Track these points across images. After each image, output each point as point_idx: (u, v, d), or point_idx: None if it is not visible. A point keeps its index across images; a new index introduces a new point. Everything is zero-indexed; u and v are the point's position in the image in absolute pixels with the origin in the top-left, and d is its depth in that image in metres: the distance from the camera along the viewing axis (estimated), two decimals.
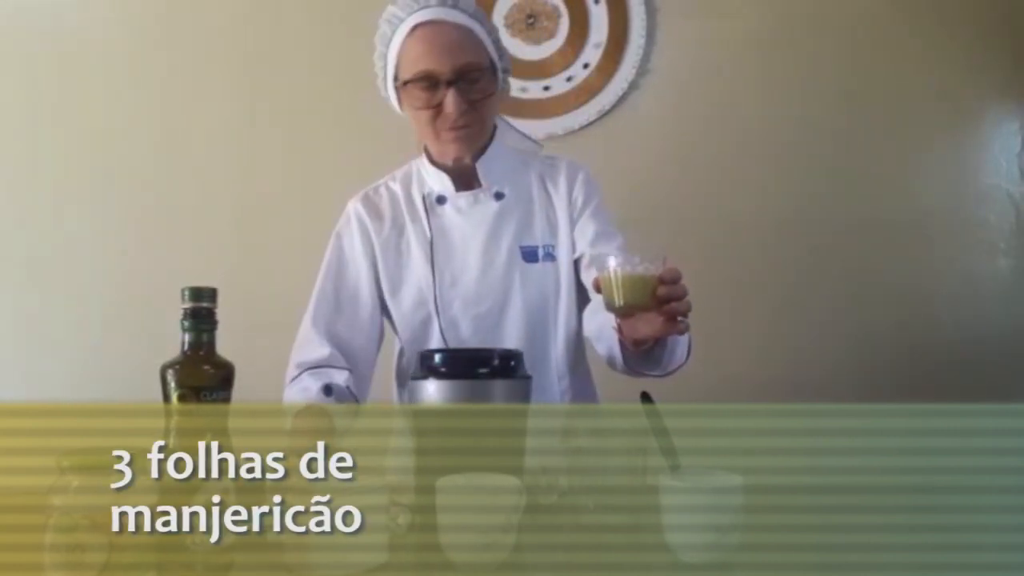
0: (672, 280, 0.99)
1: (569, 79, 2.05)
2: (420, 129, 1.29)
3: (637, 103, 2.04)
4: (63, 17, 2.12)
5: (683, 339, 1.13)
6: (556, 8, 2.06)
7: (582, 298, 1.32)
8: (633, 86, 2.03)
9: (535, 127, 1.93)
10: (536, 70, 2.05)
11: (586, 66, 2.04)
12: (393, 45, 1.27)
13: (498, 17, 2.06)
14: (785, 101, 2.03)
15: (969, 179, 2.04)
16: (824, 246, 2.02)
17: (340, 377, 1.24)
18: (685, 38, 2.04)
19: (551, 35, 2.06)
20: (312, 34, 2.07)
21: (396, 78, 1.28)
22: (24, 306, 2.09)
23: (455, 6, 1.25)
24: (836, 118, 2.03)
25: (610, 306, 1.03)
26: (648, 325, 1.04)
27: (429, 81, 1.22)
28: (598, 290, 1.04)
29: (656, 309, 1.00)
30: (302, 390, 1.22)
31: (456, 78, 1.22)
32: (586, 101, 2.04)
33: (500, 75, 1.31)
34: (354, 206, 1.38)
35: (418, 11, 1.24)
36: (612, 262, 1.01)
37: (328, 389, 1.19)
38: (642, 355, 1.13)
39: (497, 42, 1.30)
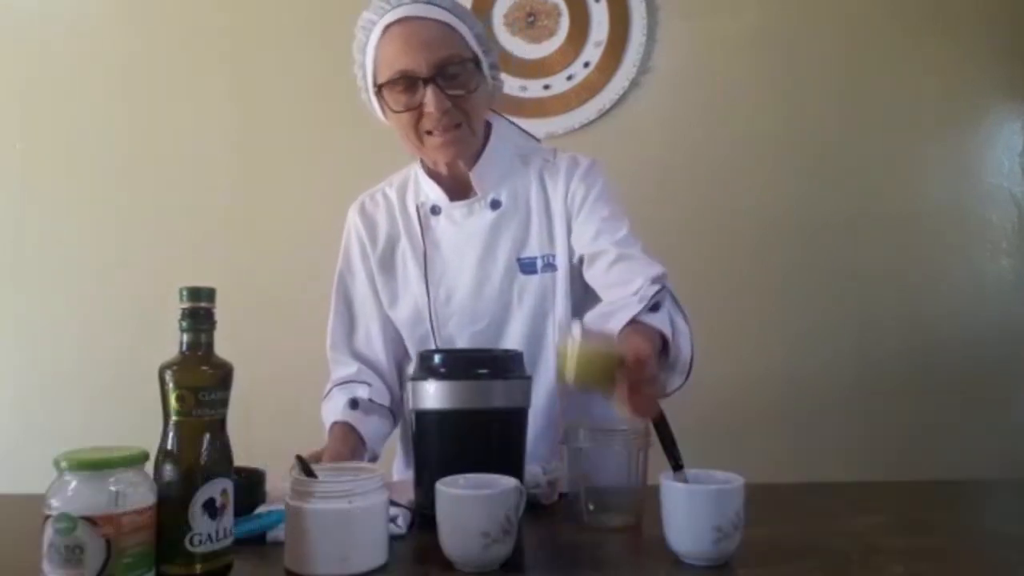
0: (635, 364, 0.85)
1: (570, 78, 2.04)
2: (404, 136, 1.22)
3: (638, 102, 2.03)
4: (56, 17, 2.12)
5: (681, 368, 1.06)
6: (556, 6, 2.05)
7: (586, 299, 1.24)
8: (634, 84, 2.03)
9: (535, 126, 1.92)
10: (536, 69, 2.04)
11: (587, 65, 2.04)
12: (369, 50, 1.20)
13: (498, 16, 2.05)
14: (786, 100, 2.03)
15: (972, 179, 2.04)
16: (825, 245, 2.01)
17: (363, 391, 1.28)
18: (686, 37, 2.04)
19: (551, 33, 2.06)
20: (310, 33, 2.07)
21: (376, 84, 1.20)
22: (21, 306, 2.09)
23: (429, 1, 1.18)
24: (838, 117, 2.03)
25: (560, 379, 0.90)
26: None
27: (407, 81, 1.16)
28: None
29: (612, 391, 0.86)
30: (332, 405, 1.29)
31: (434, 74, 1.15)
32: (587, 100, 2.03)
33: (487, 70, 1.23)
34: (352, 218, 1.35)
35: (390, 11, 1.17)
36: (576, 330, 0.89)
37: (354, 403, 1.26)
38: None
39: (481, 36, 1.23)
